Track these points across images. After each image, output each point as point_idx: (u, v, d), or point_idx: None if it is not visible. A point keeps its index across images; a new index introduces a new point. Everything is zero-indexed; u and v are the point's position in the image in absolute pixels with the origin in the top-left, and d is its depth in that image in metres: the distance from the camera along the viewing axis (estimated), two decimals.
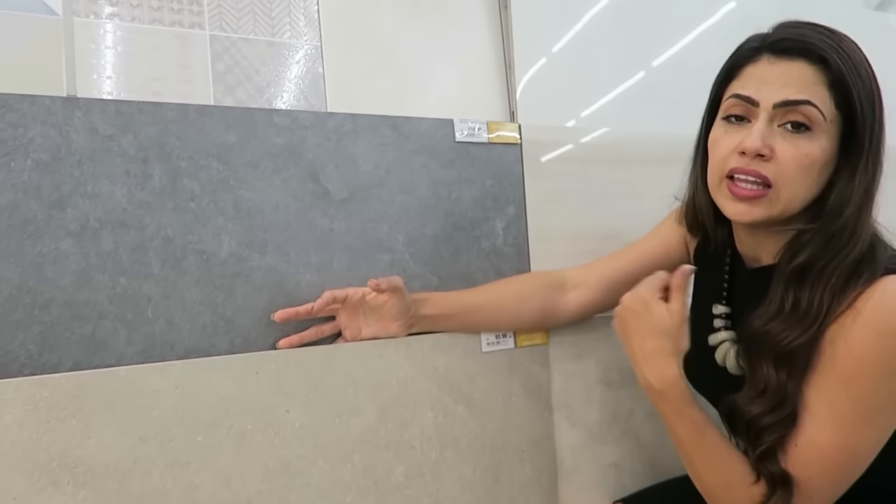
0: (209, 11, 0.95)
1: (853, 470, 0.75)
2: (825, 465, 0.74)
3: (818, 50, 0.74)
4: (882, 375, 0.71)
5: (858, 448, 0.74)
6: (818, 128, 0.74)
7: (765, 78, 0.76)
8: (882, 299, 0.71)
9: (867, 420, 0.73)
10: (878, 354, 0.71)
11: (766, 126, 0.75)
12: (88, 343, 0.82)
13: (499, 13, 1.16)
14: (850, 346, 0.72)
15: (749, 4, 1.39)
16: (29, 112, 0.81)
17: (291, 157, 0.94)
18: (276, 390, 0.88)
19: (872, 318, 0.71)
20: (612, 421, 1.13)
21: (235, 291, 0.90)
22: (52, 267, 0.81)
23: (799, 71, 0.74)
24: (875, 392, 0.72)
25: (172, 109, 0.88)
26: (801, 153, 0.74)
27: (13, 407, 0.76)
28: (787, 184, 0.75)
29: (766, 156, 0.74)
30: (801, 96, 0.73)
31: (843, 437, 0.73)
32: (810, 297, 0.75)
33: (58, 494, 0.77)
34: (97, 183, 0.84)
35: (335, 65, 1.02)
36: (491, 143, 1.08)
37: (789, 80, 0.74)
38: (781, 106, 0.74)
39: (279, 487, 0.87)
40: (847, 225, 0.74)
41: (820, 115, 0.73)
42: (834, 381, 0.73)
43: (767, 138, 0.74)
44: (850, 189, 0.75)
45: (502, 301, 1.02)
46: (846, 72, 0.73)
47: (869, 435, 0.74)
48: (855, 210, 0.74)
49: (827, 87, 0.73)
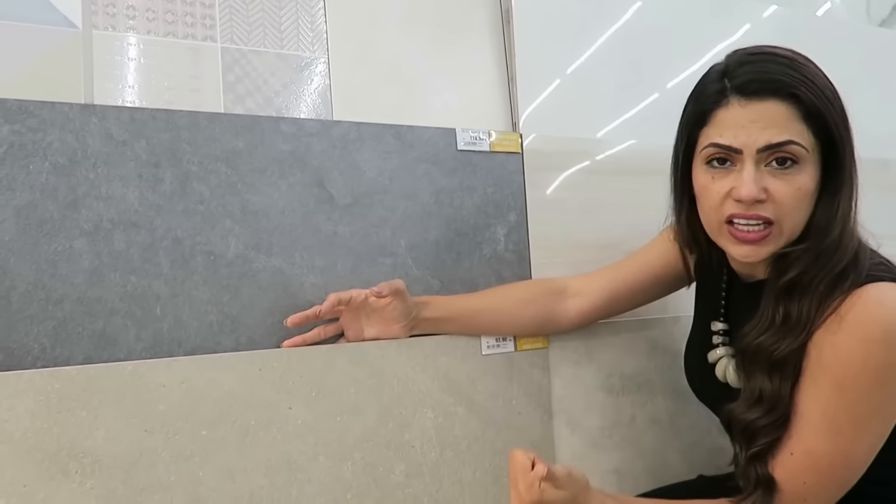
0: (221, 25, 1.00)
1: (848, 475, 0.77)
2: (820, 471, 0.76)
3: (787, 87, 0.74)
4: (870, 382, 0.73)
5: (852, 453, 0.75)
6: (803, 160, 0.75)
7: (741, 123, 0.75)
8: (865, 307, 0.73)
9: (860, 426, 0.74)
10: (865, 362, 0.72)
11: (754, 170, 0.75)
12: (99, 338, 0.85)
13: (501, 27, 1.20)
14: (837, 354, 0.73)
15: (761, 27, 1.42)
16: (48, 118, 0.85)
17: (297, 163, 0.98)
18: (279, 388, 0.90)
19: (856, 327, 0.72)
20: (612, 427, 1.13)
21: (241, 291, 0.93)
22: (66, 265, 0.84)
23: (774, 111, 0.74)
24: (866, 399, 0.73)
25: (184, 117, 0.92)
26: (795, 188, 0.75)
27: (26, 397, 0.79)
28: (787, 218, 0.76)
29: (762, 200, 0.75)
30: (782, 138, 0.74)
31: (837, 443, 0.75)
32: (799, 308, 0.77)
33: (66, 483, 0.79)
34: (111, 185, 0.88)
35: (341, 76, 1.06)
36: (493, 152, 1.11)
37: (767, 123, 0.74)
38: (766, 150, 0.74)
39: (281, 483, 0.89)
40: (829, 240, 0.76)
41: (803, 149, 0.74)
42: (825, 390, 0.75)
43: (759, 182, 0.75)
44: (834, 205, 0.76)
45: (503, 306, 1.04)
46: (818, 102, 0.74)
47: (862, 440, 0.75)
48: (841, 223, 0.76)
49: (802, 120, 0.74)
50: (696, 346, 0.97)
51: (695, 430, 1.19)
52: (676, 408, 1.18)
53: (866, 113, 1.65)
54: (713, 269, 0.94)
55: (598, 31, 1.26)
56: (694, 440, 1.19)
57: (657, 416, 1.17)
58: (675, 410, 1.18)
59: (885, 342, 0.71)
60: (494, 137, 1.11)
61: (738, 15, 1.43)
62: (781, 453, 0.78)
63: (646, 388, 1.17)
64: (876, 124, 1.55)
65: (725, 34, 1.38)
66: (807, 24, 1.54)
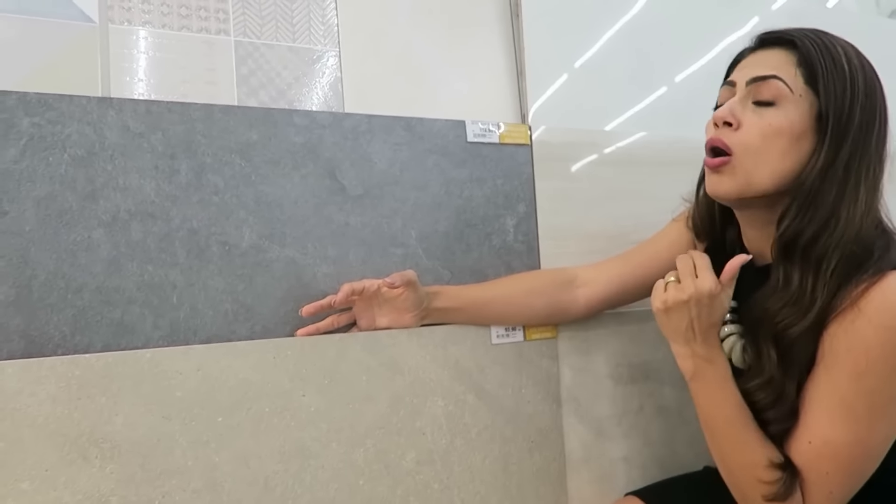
0: (234, 19, 1.01)
1: (868, 464, 0.76)
2: (841, 460, 0.75)
3: (790, 37, 0.80)
4: (889, 369, 0.72)
5: (871, 441, 0.75)
6: (785, 100, 0.78)
7: (744, 65, 0.83)
8: (883, 295, 0.72)
9: (879, 414, 0.74)
10: (883, 349, 0.72)
11: (737, 100, 0.80)
12: (117, 327, 0.87)
13: (510, 20, 1.21)
14: (854, 342, 0.73)
15: (772, 19, 1.42)
16: (67, 111, 0.87)
17: (310, 154, 0.99)
18: (293, 375, 0.92)
19: (874, 314, 0.72)
20: (621, 415, 1.15)
21: (256, 281, 0.94)
22: (84, 254, 0.86)
23: (774, 56, 0.81)
24: (885, 386, 0.73)
25: (199, 109, 0.94)
26: (765, 122, 0.78)
27: (47, 383, 0.81)
28: (747, 152, 0.79)
29: (732, 125, 0.79)
30: (768, 72, 0.79)
31: (856, 432, 0.74)
32: (801, 277, 0.77)
33: (86, 467, 0.81)
34: (128, 177, 0.89)
35: (352, 69, 1.07)
36: (502, 144, 1.12)
37: (763, 64, 0.81)
38: (752, 82, 0.79)
39: (294, 468, 0.91)
40: (818, 198, 0.76)
41: (786, 87, 0.77)
42: (843, 378, 0.74)
43: (736, 110, 0.80)
44: (820, 163, 0.76)
45: (512, 296, 1.05)
46: (815, 53, 0.77)
47: (879, 429, 0.75)
48: (828, 185, 0.76)
49: (795, 65, 0.78)
50: None
51: None
52: (684, 397, 1.19)
53: None
54: (725, 252, 0.95)
55: (607, 24, 1.27)
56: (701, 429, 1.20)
57: (665, 405, 1.18)
58: (682, 400, 1.19)
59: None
60: (503, 129, 1.12)
61: (747, 6, 1.43)
62: (798, 441, 0.78)
63: (654, 377, 1.18)
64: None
65: (735, 26, 1.38)
66: (816, 16, 1.54)
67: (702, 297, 0.81)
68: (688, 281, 0.82)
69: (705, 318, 0.82)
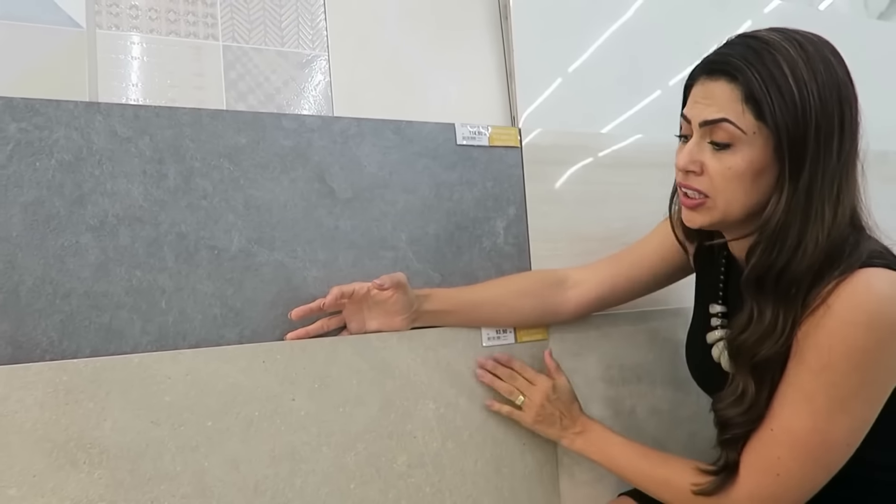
0: (223, 23, 1.01)
1: (827, 457, 0.77)
2: (796, 447, 0.77)
3: (733, 69, 0.76)
4: (851, 365, 0.74)
5: (832, 434, 0.76)
6: (739, 141, 0.76)
7: (696, 98, 0.81)
8: (853, 291, 0.73)
9: (840, 407, 0.75)
10: (847, 344, 0.73)
11: (696, 144, 0.80)
12: (106, 332, 0.87)
13: (500, 24, 1.21)
14: (820, 337, 0.75)
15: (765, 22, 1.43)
16: (54, 115, 0.87)
17: (299, 158, 0.99)
18: (283, 379, 0.92)
19: (841, 310, 0.74)
20: (613, 417, 1.15)
21: (245, 285, 0.94)
22: (72, 259, 0.86)
23: (720, 90, 0.77)
24: (846, 380, 0.74)
25: (187, 113, 0.94)
26: (724, 167, 0.78)
27: (35, 389, 0.80)
28: (719, 193, 0.79)
29: (696, 171, 0.80)
30: (717, 115, 0.77)
31: (815, 422, 0.76)
32: (774, 309, 0.78)
33: (74, 473, 0.81)
34: (116, 182, 0.89)
35: (341, 73, 1.08)
36: (492, 147, 1.12)
37: (713, 100, 0.78)
38: (704, 125, 0.79)
39: (285, 473, 0.90)
40: (784, 232, 0.76)
41: (738, 130, 0.76)
42: (805, 372, 0.76)
43: (696, 155, 0.80)
44: (783, 196, 0.76)
45: (502, 297, 1.05)
46: (758, 86, 0.74)
47: (842, 421, 0.76)
48: (792, 217, 0.75)
49: (741, 101, 0.76)
50: (696, 330, 0.98)
51: (695, 421, 1.20)
52: (676, 399, 1.19)
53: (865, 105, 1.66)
54: (714, 256, 0.96)
55: (597, 27, 1.28)
56: (693, 431, 1.20)
57: (657, 406, 1.18)
58: (675, 401, 1.19)
59: (869, 326, 0.72)
60: (493, 132, 1.13)
61: (739, 10, 1.44)
62: (762, 429, 0.80)
63: (646, 379, 1.18)
64: (875, 116, 1.56)
65: (727, 30, 1.37)
66: (807, 19, 1.54)
67: (549, 392, 1.01)
68: (532, 390, 1.02)
69: (564, 404, 1.01)
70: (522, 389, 1.02)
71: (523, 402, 1.02)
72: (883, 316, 0.72)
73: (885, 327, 0.72)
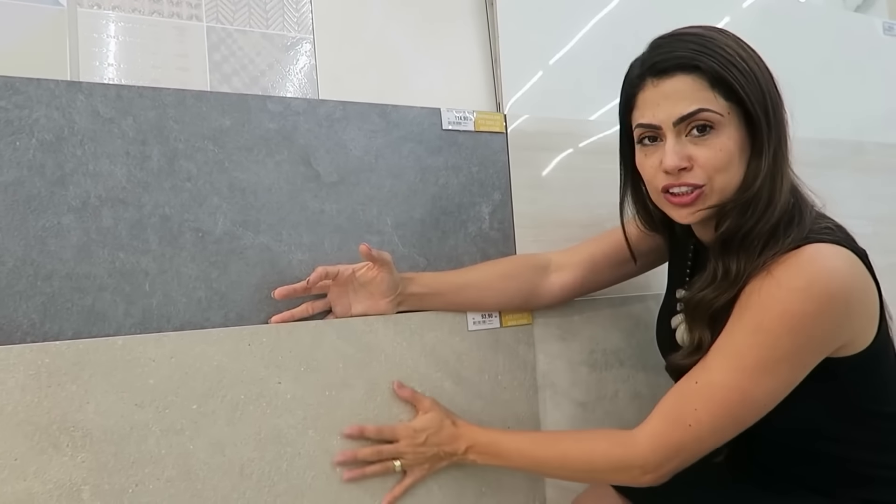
0: (206, 4, 1.00)
1: (743, 413, 0.79)
2: (714, 401, 0.79)
3: (689, 61, 0.79)
4: (783, 327, 0.75)
5: (753, 393, 0.78)
6: (720, 124, 0.80)
7: (656, 101, 0.82)
8: (797, 260, 0.76)
9: (766, 369, 0.77)
10: (783, 308, 0.75)
11: (675, 142, 0.81)
12: (88, 314, 0.86)
13: (485, 10, 1.21)
14: (760, 299, 0.77)
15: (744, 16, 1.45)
16: (34, 94, 0.85)
17: (284, 141, 0.99)
18: (269, 362, 0.92)
19: (783, 275, 0.76)
20: (596, 401, 1.16)
21: (229, 268, 0.94)
22: (54, 241, 0.85)
23: (681, 85, 0.80)
24: (777, 343, 0.76)
25: (171, 94, 0.92)
26: (716, 150, 0.80)
27: (16, 372, 0.79)
28: (715, 179, 0.81)
29: (687, 167, 0.81)
30: (692, 108, 0.79)
31: (739, 380, 0.78)
32: (738, 264, 0.80)
33: (57, 456, 0.80)
34: (98, 162, 0.88)
35: (327, 56, 1.07)
36: (477, 132, 1.12)
37: (678, 97, 0.80)
38: (680, 121, 0.80)
39: (270, 456, 0.90)
40: (761, 193, 0.80)
41: (716, 115, 0.79)
42: (741, 331, 0.78)
43: (681, 152, 0.81)
44: (760, 162, 0.80)
45: (487, 281, 1.06)
46: (719, 68, 0.78)
47: (766, 383, 0.78)
48: (767, 178, 0.80)
49: (709, 88, 0.79)
50: (663, 315, 1.00)
51: None
52: (658, 382, 1.21)
53: (842, 95, 1.68)
54: (681, 241, 0.98)
55: (583, 15, 1.28)
56: None
57: (639, 390, 1.20)
58: (656, 385, 1.20)
59: (807, 292, 0.74)
60: (478, 117, 1.13)
61: (719, 5, 1.45)
62: (686, 380, 0.82)
63: (628, 363, 1.19)
64: (851, 107, 1.58)
65: (710, 18, 1.40)
66: (786, 13, 1.57)
67: (415, 438, 0.95)
68: (400, 449, 0.95)
69: (435, 435, 0.95)
70: (392, 455, 0.95)
71: (401, 466, 0.96)
72: (822, 284, 0.74)
73: (823, 295, 0.74)
